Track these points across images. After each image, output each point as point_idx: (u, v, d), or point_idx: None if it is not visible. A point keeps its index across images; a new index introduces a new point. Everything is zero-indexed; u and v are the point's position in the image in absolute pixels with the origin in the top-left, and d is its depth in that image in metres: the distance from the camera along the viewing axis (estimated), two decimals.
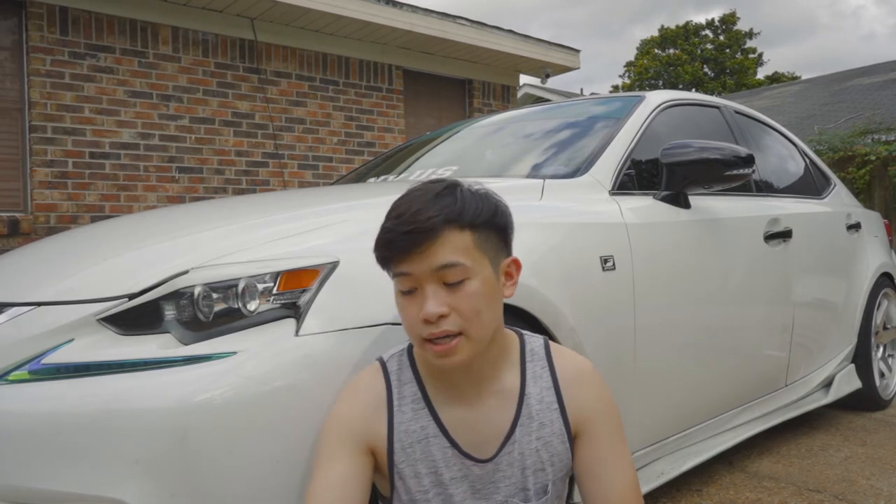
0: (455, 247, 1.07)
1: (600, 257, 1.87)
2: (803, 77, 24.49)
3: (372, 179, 2.70)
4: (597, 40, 66.90)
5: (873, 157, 9.48)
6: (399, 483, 1.18)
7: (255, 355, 1.26)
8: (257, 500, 1.21)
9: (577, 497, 1.57)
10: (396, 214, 1.09)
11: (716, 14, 50.03)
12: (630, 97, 2.56)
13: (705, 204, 2.36)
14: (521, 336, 1.26)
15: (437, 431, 1.17)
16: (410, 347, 1.25)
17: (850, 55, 55.71)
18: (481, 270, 1.10)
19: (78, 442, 1.19)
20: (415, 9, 6.03)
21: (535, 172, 2.22)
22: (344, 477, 1.12)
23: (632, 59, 32.13)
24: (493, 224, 1.13)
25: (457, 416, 1.18)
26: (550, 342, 1.27)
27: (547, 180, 2.01)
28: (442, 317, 1.06)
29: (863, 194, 9.41)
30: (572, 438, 1.20)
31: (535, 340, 1.26)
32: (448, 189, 1.12)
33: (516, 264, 1.20)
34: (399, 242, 1.07)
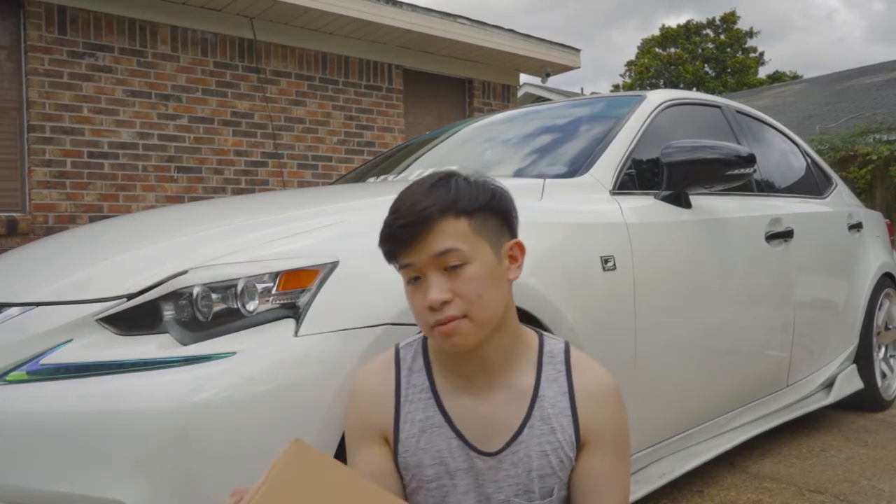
0: (451, 234, 1.12)
1: (601, 257, 1.87)
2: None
3: (371, 179, 2.70)
4: (571, 43, 67.27)
5: (875, 157, 9.48)
6: (405, 471, 1.20)
7: (255, 355, 1.25)
8: None
9: None
10: (394, 209, 1.15)
11: (687, 18, 50.33)
12: (631, 96, 2.55)
13: (706, 204, 2.36)
14: (540, 337, 1.27)
15: (441, 422, 1.19)
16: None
17: (828, 59, 55.70)
18: (480, 255, 1.14)
19: (77, 442, 1.19)
20: (415, 8, 6.01)
21: (535, 172, 2.21)
22: (367, 465, 1.19)
23: (608, 61, 32.17)
24: (490, 209, 1.17)
25: (464, 407, 1.19)
26: (574, 349, 1.27)
27: (547, 180, 2.00)
28: (445, 303, 1.11)
29: (864, 194, 9.42)
30: (579, 447, 1.21)
31: (554, 343, 1.26)
32: (442, 180, 1.16)
33: (519, 247, 1.21)
34: (398, 235, 1.12)
